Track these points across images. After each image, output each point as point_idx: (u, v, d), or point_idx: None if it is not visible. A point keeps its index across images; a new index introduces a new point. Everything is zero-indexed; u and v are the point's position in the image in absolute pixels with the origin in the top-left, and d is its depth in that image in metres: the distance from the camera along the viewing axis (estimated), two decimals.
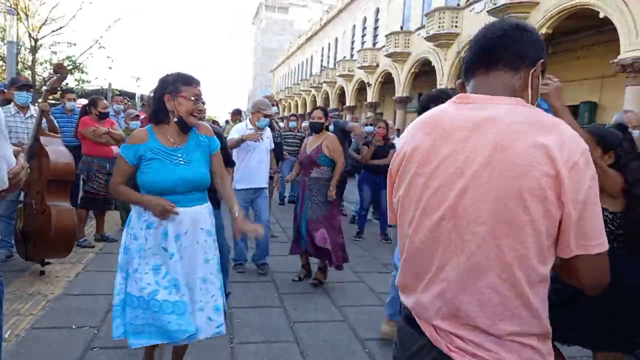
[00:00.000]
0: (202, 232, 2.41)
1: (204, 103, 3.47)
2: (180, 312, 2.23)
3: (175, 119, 2.32)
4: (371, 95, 25.43)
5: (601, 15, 10.81)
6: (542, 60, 1.17)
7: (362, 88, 27.29)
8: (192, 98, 2.31)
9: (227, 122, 14.75)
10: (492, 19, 14.15)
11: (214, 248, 2.47)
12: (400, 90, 21.66)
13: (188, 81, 2.34)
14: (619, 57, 10.35)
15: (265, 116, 4.67)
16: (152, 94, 2.40)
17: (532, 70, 1.16)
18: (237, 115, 9.83)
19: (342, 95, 30.81)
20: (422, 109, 3.36)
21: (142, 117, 6.54)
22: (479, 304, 1.05)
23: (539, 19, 12.71)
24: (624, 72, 10.26)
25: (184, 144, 2.38)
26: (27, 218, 4.22)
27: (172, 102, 2.30)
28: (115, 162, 2.81)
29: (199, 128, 2.44)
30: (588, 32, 13.42)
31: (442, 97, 3.29)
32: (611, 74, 11.59)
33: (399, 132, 13.58)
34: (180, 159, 2.33)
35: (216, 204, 3.49)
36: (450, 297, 1.08)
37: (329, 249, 4.26)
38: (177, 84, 2.30)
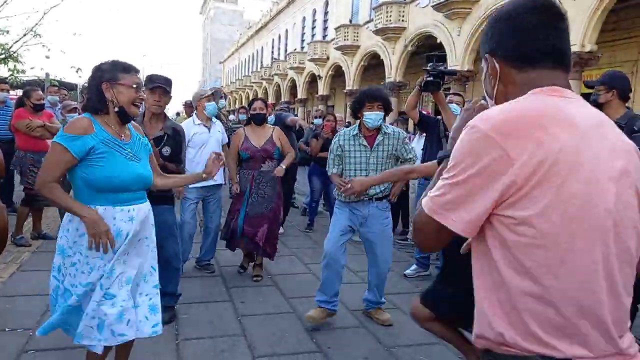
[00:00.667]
0: (153, 228, 2.37)
1: (168, 93, 3.38)
2: (125, 319, 2.13)
3: (116, 109, 2.17)
4: (322, 88, 25.51)
5: None
6: None
7: (313, 80, 27.31)
8: (134, 86, 2.18)
9: (177, 114, 14.36)
10: (437, 15, 14.54)
11: (152, 246, 2.39)
12: (351, 83, 21.87)
13: (127, 69, 2.21)
14: None
15: (209, 100, 4.49)
16: (86, 83, 2.25)
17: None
18: (190, 107, 9.58)
19: (293, 87, 30.71)
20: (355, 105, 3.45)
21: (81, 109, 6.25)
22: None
23: (481, 14, 13.12)
24: None
25: (130, 139, 2.25)
26: None
27: (111, 90, 2.15)
28: None
29: (132, 125, 2.34)
30: None
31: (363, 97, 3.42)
32: None
33: (348, 125, 13.76)
34: (130, 154, 2.20)
35: (170, 201, 3.41)
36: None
37: (266, 244, 4.31)
38: (114, 72, 2.17)
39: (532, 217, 0.95)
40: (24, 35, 13.51)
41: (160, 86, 3.31)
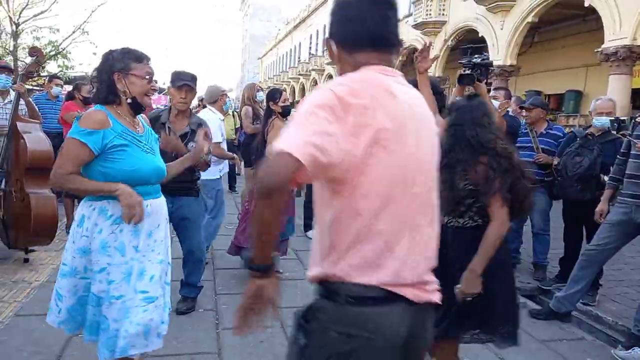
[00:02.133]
0: (165, 221, 2.28)
1: (194, 90, 3.44)
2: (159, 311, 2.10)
3: (129, 100, 2.08)
4: None
5: (586, 4, 10.88)
6: None
7: None
8: (146, 77, 2.10)
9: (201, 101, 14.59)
10: (479, 7, 14.19)
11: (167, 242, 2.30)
12: None
13: (139, 58, 2.10)
14: (602, 46, 10.44)
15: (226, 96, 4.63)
16: (95, 73, 2.14)
17: None
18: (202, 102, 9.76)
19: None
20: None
21: None
22: None
23: (524, 8, 12.75)
24: (607, 61, 10.36)
25: (144, 131, 2.18)
26: (8, 206, 4.18)
27: (122, 81, 2.06)
28: None
29: (143, 117, 2.29)
30: (573, 20, 13.51)
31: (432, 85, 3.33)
32: (595, 63, 11.70)
33: None
34: (146, 147, 2.13)
35: (194, 192, 3.42)
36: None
37: None
38: (126, 61, 2.06)
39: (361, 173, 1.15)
40: (73, 32, 14.09)
41: (187, 84, 3.33)
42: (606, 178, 3.87)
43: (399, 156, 1.18)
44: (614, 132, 3.99)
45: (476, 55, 3.61)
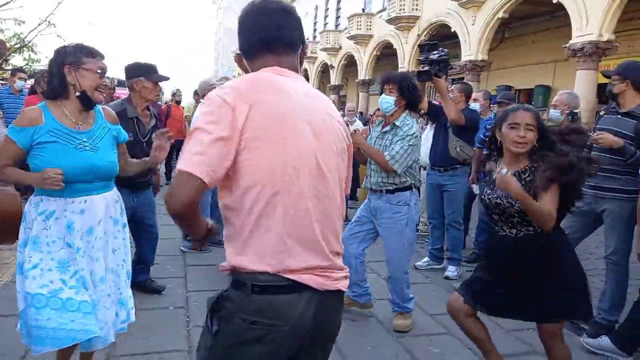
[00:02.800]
0: (111, 220, 2.25)
1: (161, 79, 3.42)
2: (86, 312, 2.03)
3: (78, 94, 2.09)
4: (334, 78, 25.39)
5: (554, 0, 11.12)
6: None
7: (325, 70, 27.18)
8: (98, 71, 2.11)
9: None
10: (451, 3, 14.34)
11: (121, 237, 2.33)
12: (363, 73, 21.73)
13: (91, 53, 2.13)
14: (570, 42, 10.71)
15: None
16: (48, 66, 2.15)
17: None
18: (197, 96, 9.64)
19: (305, 77, 30.26)
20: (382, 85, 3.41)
21: None
22: None
23: (495, 3, 12.96)
24: (574, 57, 10.63)
25: (89, 127, 2.16)
26: None
27: (73, 74, 2.07)
28: None
29: (105, 113, 2.27)
30: (543, 17, 13.79)
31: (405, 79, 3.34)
32: (563, 58, 11.99)
33: (360, 115, 13.70)
34: (86, 144, 2.12)
35: (146, 185, 3.52)
36: None
37: None
38: (78, 55, 2.09)
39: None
40: (39, 24, 13.64)
41: (164, 78, 3.41)
42: None
43: (279, 148, 1.25)
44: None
45: (434, 52, 3.66)
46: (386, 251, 3.38)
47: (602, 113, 3.44)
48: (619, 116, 3.23)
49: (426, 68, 3.61)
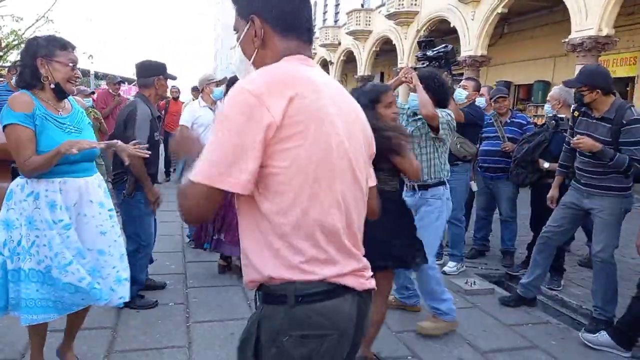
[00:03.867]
0: (93, 204, 2.31)
1: (174, 78, 3.45)
2: (90, 273, 2.21)
3: (52, 86, 2.18)
4: (334, 74, 25.31)
5: None
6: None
7: (324, 66, 27.08)
8: (70, 64, 2.20)
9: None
10: None
11: (110, 219, 2.39)
12: (362, 69, 21.67)
13: (63, 46, 2.20)
14: (569, 37, 10.67)
15: (217, 84, 4.57)
16: (20, 57, 2.24)
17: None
18: (196, 92, 9.63)
19: None
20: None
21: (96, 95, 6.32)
22: None
23: None
24: (574, 52, 10.60)
25: (69, 112, 2.29)
26: None
27: (46, 66, 2.16)
28: None
29: (76, 101, 2.40)
30: (542, 12, 13.76)
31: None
32: (563, 53, 11.96)
33: None
34: (71, 127, 2.25)
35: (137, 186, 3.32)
36: None
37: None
38: (51, 48, 2.16)
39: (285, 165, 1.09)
40: (37, 21, 13.60)
41: (173, 77, 3.48)
42: (546, 164, 4.08)
43: (318, 147, 1.11)
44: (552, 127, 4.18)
45: (433, 49, 3.66)
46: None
47: (576, 114, 3.44)
48: (595, 121, 3.27)
49: (425, 65, 3.61)
